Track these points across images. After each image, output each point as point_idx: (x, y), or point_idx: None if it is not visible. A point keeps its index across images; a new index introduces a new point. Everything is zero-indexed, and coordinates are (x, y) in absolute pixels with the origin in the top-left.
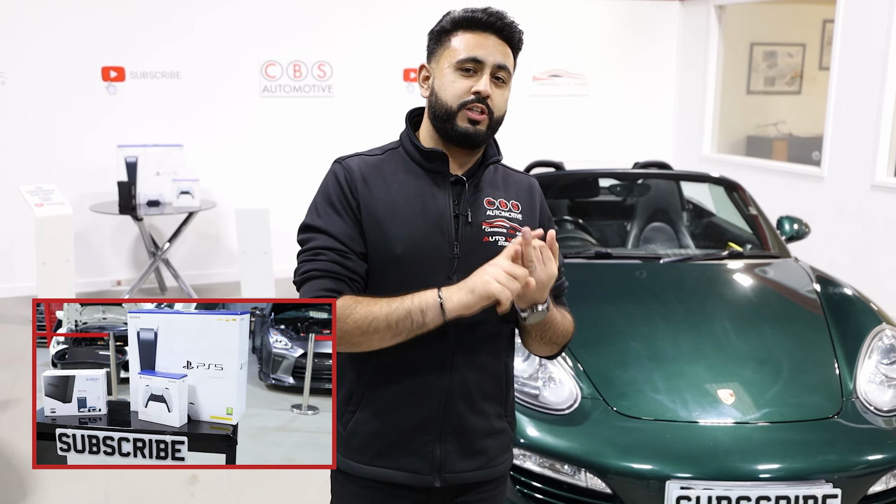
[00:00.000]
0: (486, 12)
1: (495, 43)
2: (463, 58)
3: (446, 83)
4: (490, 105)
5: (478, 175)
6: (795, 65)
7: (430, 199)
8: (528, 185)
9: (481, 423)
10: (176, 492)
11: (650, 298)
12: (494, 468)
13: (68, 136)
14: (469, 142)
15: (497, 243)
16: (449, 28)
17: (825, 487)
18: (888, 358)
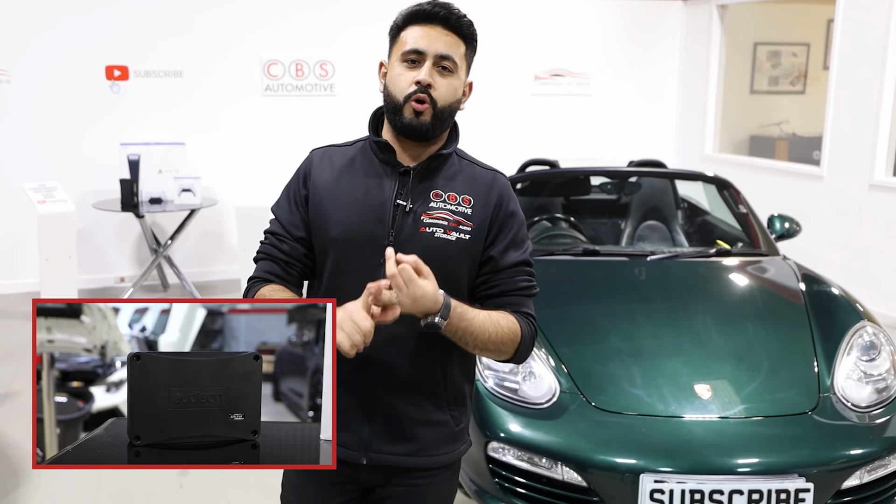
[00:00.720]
0: (432, 3)
1: (440, 34)
2: (406, 49)
3: (394, 76)
4: (433, 94)
5: (431, 167)
6: (799, 64)
7: (375, 187)
8: (490, 181)
9: (415, 411)
10: (165, 484)
11: (634, 295)
12: (430, 458)
13: (72, 134)
14: (414, 133)
15: (434, 234)
16: (400, 23)
17: (798, 482)
18: (867, 355)
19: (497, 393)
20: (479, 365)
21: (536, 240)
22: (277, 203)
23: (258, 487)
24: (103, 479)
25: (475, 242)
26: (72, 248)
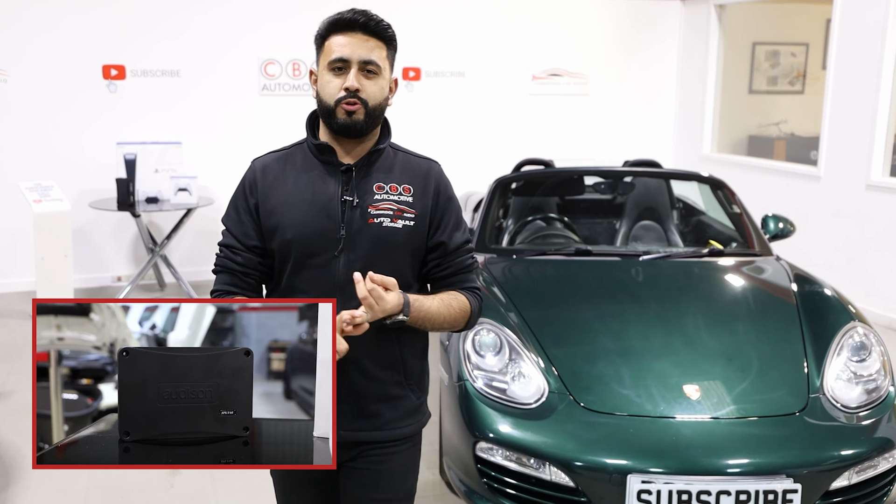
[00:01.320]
0: (351, 11)
1: (361, 40)
2: (332, 59)
3: (323, 83)
4: (362, 97)
5: (369, 162)
6: (798, 64)
7: (320, 186)
8: (426, 170)
9: (375, 388)
10: (157, 483)
11: (625, 296)
12: (392, 430)
13: (69, 134)
14: (350, 131)
15: (381, 224)
16: (323, 33)
17: (786, 482)
18: (858, 355)
19: (486, 393)
20: (468, 365)
21: (530, 239)
22: (227, 216)
23: (249, 487)
24: (94, 479)
25: (419, 228)
26: (68, 247)
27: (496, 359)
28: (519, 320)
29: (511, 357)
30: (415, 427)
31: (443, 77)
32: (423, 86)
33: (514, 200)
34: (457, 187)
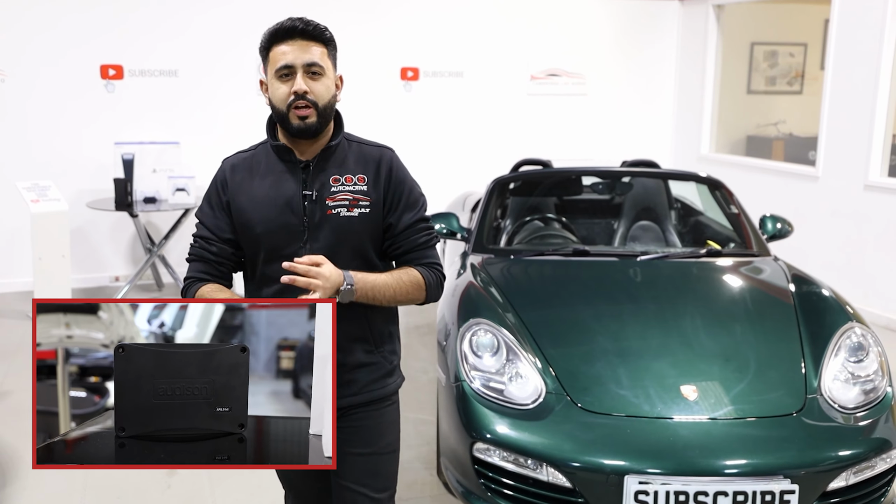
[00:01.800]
0: (289, 20)
1: (301, 46)
2: (278, 67)
3: (273, 90)
4: (311, 98)
5: (325, 157)
6: (797, 64)
7: (283, 184)
8: (378, 158)
9: (347, 358)
10: (154, 483)
11: (623, 296)
12: (370, 393)
13: (66, 134)
14: (305, 134)
15: (339, 214)
16: (266, 44)
17: (783, 483)
18: (855, 356)
19: (483, 394)
20: (466, 366)
21: (527, 240)
22: (201, 210)
23: (247, 487)
24: (91, 479)
25: (375, 213)
26: (65, 247)
27: (493, 359)
28: (516, 321)
29: (508, 358)
30: (390, 388)
31: (441, 77)
32: (422, 86)
33: (512, 200)
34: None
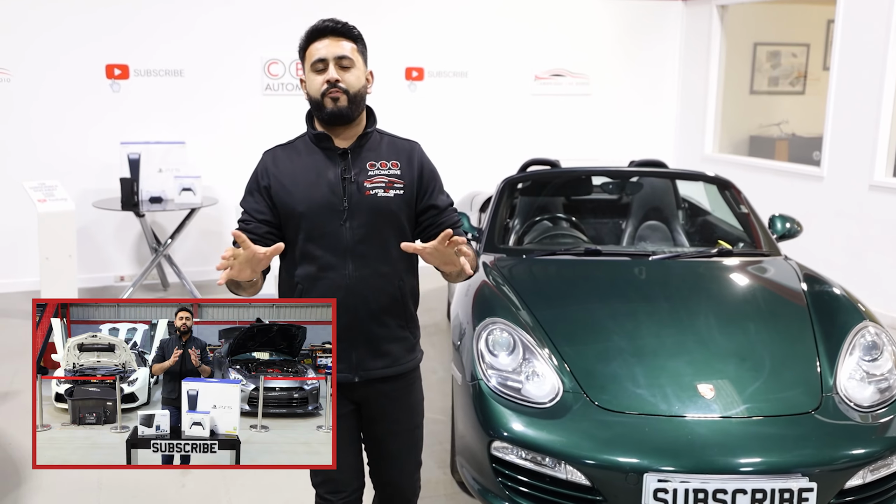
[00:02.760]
0: (323, 21)
1: (333, 41)
2: (313, 61)
3: (309, 82)
4: (342, 86)
5: (361, 145)
6: (799, 65)
7: (323, 169)
8: (409, 148)
9: (384, 332)
10: (168, 482)
11: (636, 295)
12: (401, 366)
13: (72, 133)
14: (338, 118)
15: (376, 195)
16: (303, 44)
17: (801, 481)
18: (870, 355)
19: (500, 392)
20: (482, 364)
21: (538, 240)
22: (243, 199)
23: (261, 486)
24: (105, 478)
25: (409, 196)
26: (72, 247)
27: (510, 358)
28: (531, 319)
29: (525, 356)
30: (415, 361)
31: (446, 77)
32: (426, 86)
33: (521, 200)
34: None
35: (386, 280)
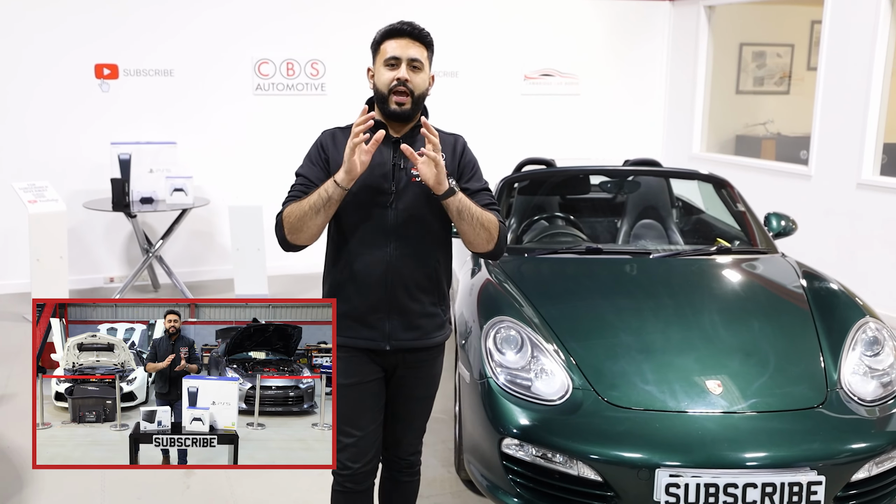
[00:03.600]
0: (401, 23)
1: (408, 43)
2: (387, 57)
3: (379, 76)
4: (410, 86)
5: (412, 136)
6: (784, 65)
7: (377, 154)
8: (453, 142)
9: (417, 307)
10: (172, 483)
11: (640, 293)
12: (429, 339)
13: (62, 134)
14: (399, 117)
15: (422, 183)
16: (379, 39)
17: (810, 475)
18: (871, 350)
19: (509, 389)
20: (491, 362)
21: (538, 238)
22: (301, 166)
23: (266, 486)
24: (109, 480)
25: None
26: (63, 248)
27: (518, 356)
28: (538, 318)
29: (533, 354)
30: (443, 337)
31: (436, 77)
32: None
33: (519, 199)
34: None
35: (423, 260)
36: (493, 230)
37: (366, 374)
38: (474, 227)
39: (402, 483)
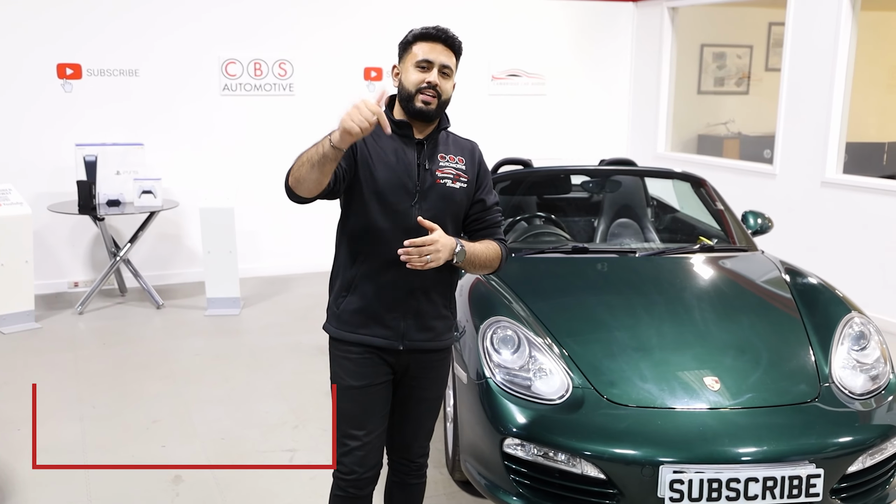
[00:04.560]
0: (436, 29)
1: (441, 49)
2: (420, 59)
3: (408, 76)
4: (438, 91)
5: (434, 138)
6: (743, 66)
7: (402, 153)
8: (471, 147)
9: (431, 309)
10: (160, 492)
11: (630, 290)
12: (440, 342)
13: (23, 135)
14: (424, 117)
15: (445, 184)
16: (411, 40)
17: (809, 468)
18: (858, 344)
19: (509, 389)
20: (490, 363)
21: (521, 238)
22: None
23: (257, 491)
24: (94, 489)
25: (470, 189)
26: (29, 252)
27: (515, 356)
28: (533, 317)
29: (531, 354)
30: (452, 339)
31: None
32: (386, 85)
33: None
34: None
35: (439, 269)
36: (496, 263)
37: (376, 376)
38: (478, 269)
39: (410, 486)
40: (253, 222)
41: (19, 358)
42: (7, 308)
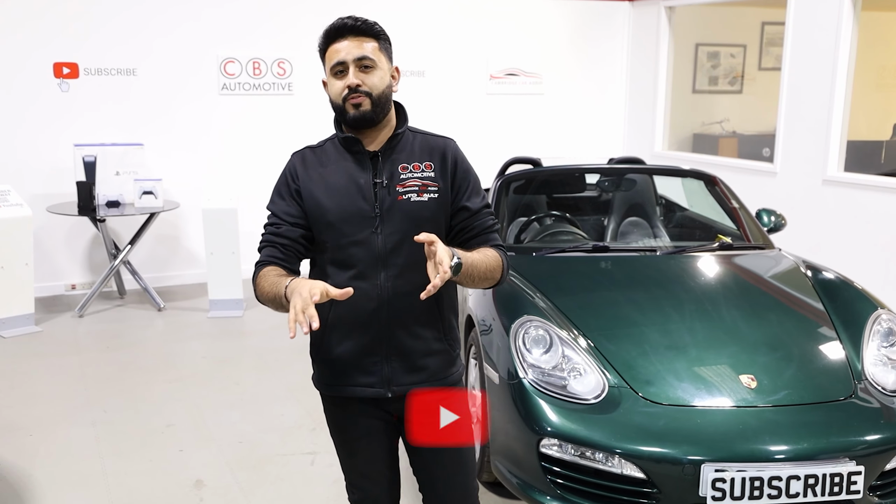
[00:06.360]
0: (340, 21)
1: (350, 43)
2: (332, 65)
3: (330, 87)
4: (364, 89)
5: (391, 146)
6: (737, 65)
7: (354, 173)
8: (442, 147)
9: (419, 345)
10: (183, 497)
11: (656, 289)
12: (438, 381)
13: (20, 136)
14: (362, 122)
15: (409, 199)
16: (322, 45)
17: (849, 465)
18: (887, 341)
19: (544, 389)
20: (523, 363)
21: (538, 238)
22: (271, 201)
23: (281, 497)
24: (114, 494)
25: (443, 199)
26: (29, 254)
27: (548, 355)
28: (562, 316)
29: (564, 353)
30: (456, 375)
31: (403, 76)
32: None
33: (513, 199)
34: None
35: (421, 290)
36: (497, 273)
37: (369, 428)
38: (477, 283)
39: None
40: (253, 223)
41: (22, 363)
42: (7, 312)
